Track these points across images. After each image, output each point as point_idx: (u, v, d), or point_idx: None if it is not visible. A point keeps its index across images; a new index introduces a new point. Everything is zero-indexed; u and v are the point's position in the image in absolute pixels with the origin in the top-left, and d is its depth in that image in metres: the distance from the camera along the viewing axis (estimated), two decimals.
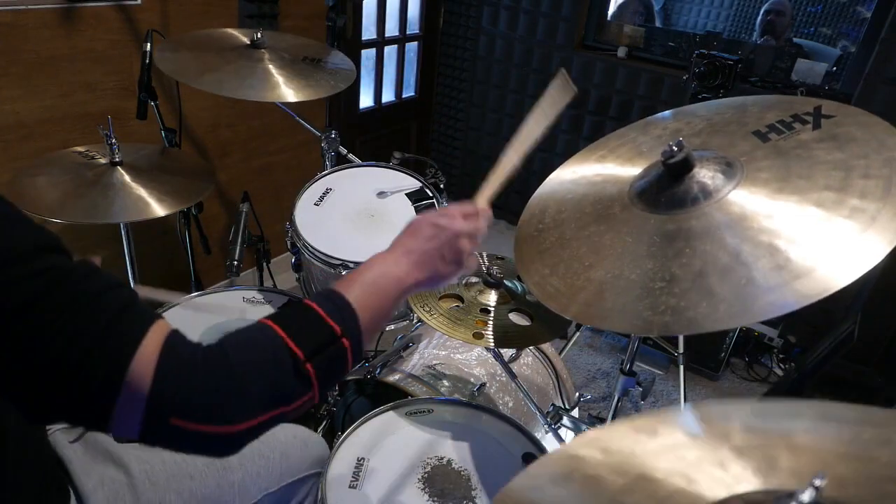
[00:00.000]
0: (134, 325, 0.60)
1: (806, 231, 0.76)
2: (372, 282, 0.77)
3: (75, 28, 1.87)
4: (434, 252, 0.83)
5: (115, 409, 0.58)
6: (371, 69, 3.16)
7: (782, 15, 2.91)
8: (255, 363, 0.64)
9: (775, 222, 0.79)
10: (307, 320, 0.70)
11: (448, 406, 1.31)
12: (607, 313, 0.83)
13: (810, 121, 0.91)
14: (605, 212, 0.98)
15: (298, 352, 0.66)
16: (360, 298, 0.74)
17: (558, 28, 3.06)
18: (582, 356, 2.62)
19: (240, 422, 0.63)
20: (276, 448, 1.11)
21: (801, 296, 0.70)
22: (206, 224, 2.18)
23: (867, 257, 0.70)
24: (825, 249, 0.73)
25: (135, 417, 0.59)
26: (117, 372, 0.58)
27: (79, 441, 1.00)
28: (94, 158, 1.58)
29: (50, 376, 0.57)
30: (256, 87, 1.59)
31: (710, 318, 0.73)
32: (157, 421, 0.59)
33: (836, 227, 0.74)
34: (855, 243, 0.72)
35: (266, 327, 0.68)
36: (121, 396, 0.58)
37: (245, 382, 0.63)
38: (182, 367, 0.61)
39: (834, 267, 0.71)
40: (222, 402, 0.62)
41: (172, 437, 0.62)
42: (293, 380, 0.66)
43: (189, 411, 0.60)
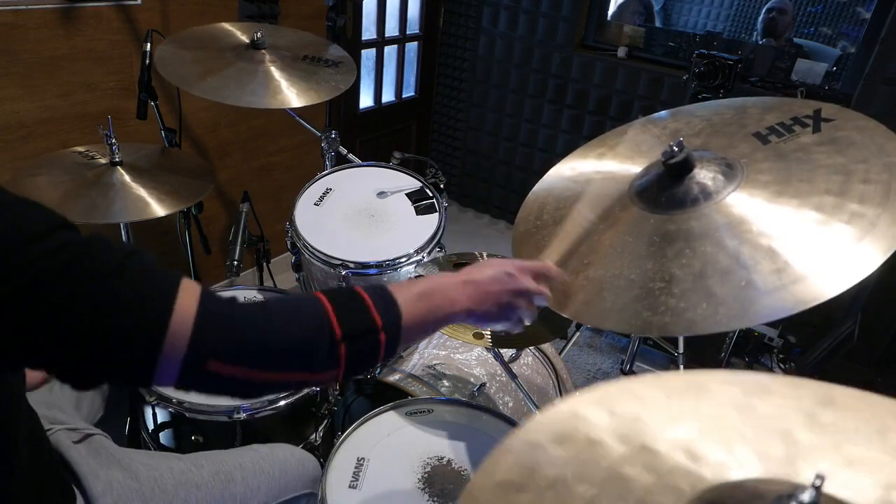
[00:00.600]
0: (164, 285, 0.63)
1: (806, 235, 0.76)
2: (426, 292, 0.79)
3: (75, 28, 1.87)
4: (493, 295, 0.83)
5: (158, 364, 0.61)
6: (371, 69, 3.16)
7: (784, 13, 2.91)
8: (294, 322, 0.68)
9: (775, 225, 0.79)
10: (355, 305, 0.73)
11: (448, 406, 1.31)
12: (606, 313, 0.83)
13: (810, 124, 0.91)
14: (604, 210, 0.98)
15: (337, 329, 0.69)
16: (408, 303, 0.76)
17: (558, 28, 3.06)
18: (582, 356, 2.62)
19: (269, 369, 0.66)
20: (275, 466, 1.15)
21: (799, 299, 0.70)
22: (206, 224, 2.18)
23: (866, 263, 0.70)
24: (825, 254, 0.73)
25: (174, 368, 0.62)
26: (158, 330, 0.60)
27: (83, 442, 1.00)
28: (94, 158, 1.58)
29: (92, 344, 0.59)
30: (258, 94, 1.59)
31: (709, 319, 0.73)
32: (195, 366, 0.62)
33: (836, 231, 0.75)
34: (854, 249, 0.72)
35: (316, 298, 0.71)
36: (163, 352, 0.61)
37: (281, 335, 0.66)
38: (219, 316, 0.64)
39: (833, 271, 0.71)
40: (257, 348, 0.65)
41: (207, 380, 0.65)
42: (324, 353, 0.68)
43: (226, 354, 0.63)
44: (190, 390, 0.66)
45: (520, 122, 3.35)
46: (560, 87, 3.15)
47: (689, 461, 0.49)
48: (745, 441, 0.50)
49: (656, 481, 0.47)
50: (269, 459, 1.14)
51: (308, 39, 1.85)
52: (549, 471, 0.49)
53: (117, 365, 0.61)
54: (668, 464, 0.49)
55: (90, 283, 0.59)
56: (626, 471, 0.49)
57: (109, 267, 0.60)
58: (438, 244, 1.63)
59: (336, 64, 1.76)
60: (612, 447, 0.51)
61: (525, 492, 0.48)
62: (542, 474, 0.49)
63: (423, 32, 3.40)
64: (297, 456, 1.19)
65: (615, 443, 0.51)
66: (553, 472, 0.49)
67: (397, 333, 0.74)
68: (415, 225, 1.63)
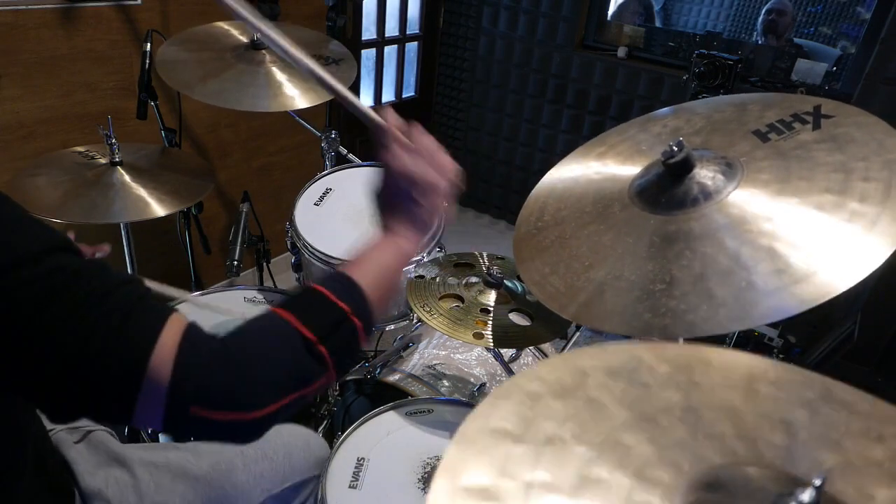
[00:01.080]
0: (150, 320, 0.60)
1: (806, 235, 0.76)
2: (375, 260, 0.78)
3: (75, 28, 1.87)
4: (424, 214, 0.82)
5: (137, 403, 0.59)
6: (371, 69, 3.16)
7: (784, 14, 2.91)
8: (269, 350, 0.66)
9: (775, 225, 0.79)
10: (315, 303, 0.71)
11: (448, 406, 1.31)
12: (607, 315, 0.82)
13: (810, 120, 0.90)
14: (605, 211, 0.97)
15: (310, 335, 0.67)
16: (366, 278, 0.74)
17: (558, 28, 3.06)
18: None
19: (260, 408, 0.63)
20: (279, 450, 1.11)
21: (800, 300, 0.69)
22: (206, 224, 2.18)
23: (867, 262, 0.70)
24: (825, 254, 0.73)
25: (156, 409, 0.59)
26: (138, 367, 0.58)
27: (83, 442, 1.00)
28: (94, 158, 1.58)
29: (69, 377, 0.57)
30: (259, 97, 1.59)
31: (710, 321, 0.73)
32: (178, 411, 0.60)
33: (837, 231, 0.74)
34: (855, 248, 0.72)
35: (275, 315, 0.69)
36: (142, 391, 0.58)
37: (262, 370, 0.64)
38: (201, 358, 0.61)
39: (833, 271, 0.71)
40: (241, 390, 0.62)
41: (194, 426, 0.63)
42: (308, 363, 0.67)
43: (208, 400, 0.61)
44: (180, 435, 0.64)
45: (520, 122, 3.35)
46: (560, 87, 3.15)
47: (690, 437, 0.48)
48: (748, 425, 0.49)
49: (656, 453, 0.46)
50: (272, 443, 1.11)
51: (308, 37, 1.85)
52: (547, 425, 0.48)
53: (95, 401, 0.59)
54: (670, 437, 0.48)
55: (71, 314, 0.57)
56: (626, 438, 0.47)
57: (98, 295, 0.58)
58: (438, 244, 1.63)
59: (336, 61, 1.76)
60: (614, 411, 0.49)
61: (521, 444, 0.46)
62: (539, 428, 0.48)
63: (423, 32, 3.40)
64: (302, 437, 1.16)
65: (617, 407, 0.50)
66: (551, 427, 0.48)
67: (367, 311, 0.73)
68: None
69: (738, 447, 0.48)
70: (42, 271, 0.56)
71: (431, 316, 1.25)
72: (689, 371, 0.54)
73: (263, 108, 1.60)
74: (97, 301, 0.58)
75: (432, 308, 1.28)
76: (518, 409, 0.49)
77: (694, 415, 0.50)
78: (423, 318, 1.25)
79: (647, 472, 0.45)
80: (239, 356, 0.64)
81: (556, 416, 0.49)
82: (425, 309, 1.27)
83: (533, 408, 0.49)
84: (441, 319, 1.24)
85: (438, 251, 1.64)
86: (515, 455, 0.46)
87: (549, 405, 0.49)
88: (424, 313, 1.26)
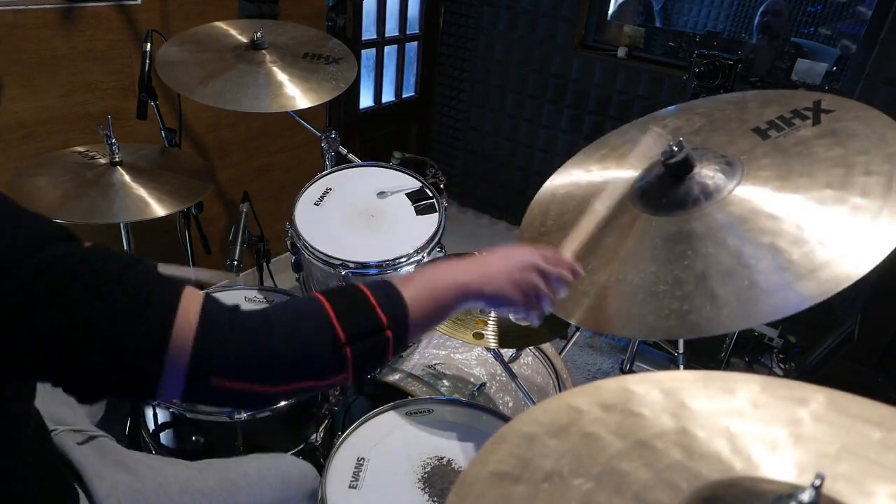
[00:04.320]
0: (165, 295, 0.62)
1: (807, 231, 0.76)
2: (431, 281, 0.77)
3: (75, 28, 1.87)
4: (505, 271, 0.81)
5: (163, 376, 0.60)
6: (371, 69, 3.16)
7: (779, 16, 2.91)
8: (296, 333, 0.66)
9: (777, 222, 0.79)
10: (357, 305, 0.70)
11: (448, 406, 1.31)
12: (612, 318, 0.82)
13: (810, 116, 0.90)
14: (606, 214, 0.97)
15: (341, 333, 0.67)
16: (415, 295, 0.73)
17: (558, 28, 3.06)
18: (582, 356, 2.62)
19: (277, 383, 0.65)
20: (279, 477, 1.14)
21: (803, 297, 0.69)
22: (206, 224, 2.17)
23: (869, 257, 0.69)
24: (827, 250, 0.73)
25: (178, 381, 0.61)
26: (160, 342, 0.59)
27: (86, 444, 1.00)
28: (94, 158, 1.58)
29: (94, 359, 0.59)
30: (259, 97, 1.60)
31: (713, 321, 0.73)
32: (198, 381, 0.61)
33: (838, 226, 0.74)
34: (857, 243, 0.71)
35: (317, 301, 0.69)
36: (166, 364, 0.60)
37: (282, 348, 0.65)
38: (221, 329, 0.63)
39: (836, 267, 0.70)
40: (259, 362, 0.64)
41: (213, 395, 0.64)
42: (329, 359, 0.67)
43: (228, 370, 0.62)
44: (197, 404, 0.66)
45: (520, 122, 3.34)
46: (560, 87, 3.15)
47: (685, 458, 0.49)
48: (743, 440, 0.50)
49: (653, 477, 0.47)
50: (272, 471, 1.14)
51: (308, 35, 1.85)
52: (544, 463, 0.49)
53: (121, 378, 0.61)
54: (665, 460, 0.49)
55: (89, 297, 0.58)
56: (622, 466, 0.48)
57: (108, 278, 0.59)
58: (438, 244, 1.62)
59: (337, 60, 1.76)
60: (609, 442, 0.51)
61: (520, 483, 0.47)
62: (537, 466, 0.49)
63: (423, 32, 3.40)
64: (299, 469, 1.18)
65: (612, 438, 0.51)
66: (549, 464, 0.49)
67: (404, 328, 0.72)
68: (415, 225, 1.63)
69: (734, 462, 0.48)
70: (50, 259, 0.57)
71: None
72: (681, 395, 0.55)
73: (264, 109, 1.60)
74: (113, 282, 0.59)
75: None
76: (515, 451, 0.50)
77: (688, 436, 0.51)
78: None
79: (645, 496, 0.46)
80: (264, 329, 0.65)
81: (553, 454, 0.50)
82: None
83: (530, 448, 0.51)
84: None
85: (438, 251, 1.64)
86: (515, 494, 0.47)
87: (545, 444, 0.51)
88: None
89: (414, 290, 0.74)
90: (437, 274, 0.78)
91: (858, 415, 0.51)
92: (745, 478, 0.47)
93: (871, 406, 0.52)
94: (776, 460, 0.49)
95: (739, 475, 0.48)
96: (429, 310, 0.75)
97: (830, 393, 0.53)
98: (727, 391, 0.55)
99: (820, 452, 0.49)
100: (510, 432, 0.52)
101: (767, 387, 0.55)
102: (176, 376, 0.60)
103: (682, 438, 0.51)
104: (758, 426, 0.51)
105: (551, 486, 0.47)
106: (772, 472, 0.48)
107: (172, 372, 0.60)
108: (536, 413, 0.54)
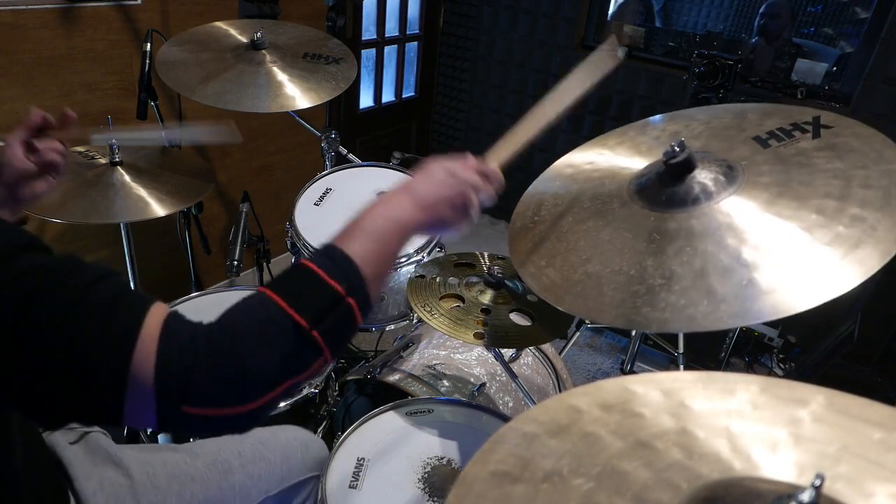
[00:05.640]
0: (129, 315, 0.57)
1: (807, 236, 0.76)
2: (373, 229, 0.73)
3: (75, 28, 1.87)
4: (444, 198, 0.79)
5: (126, 403, 0.56)
6: (371, 69, 3.16)
7: (777, 17, 2.90)
8: (258, 340, 0.61)
9: (776, 227, 0.79)
10: (307, 284, 0.65)
11: (448, 406, 1.31)
12: (605, 307, 0.82)
13: (810, 129, 0.91)
14: (603, 207, 0.98)
15: (302, 321, 0.62)
16: (361, 250, 0.69)
17: (558, 28, 3.06)
18: (582, 356, 2.61)
19: (252, 400, 0.60)
20: (277, 451, 1.11)
21: (801, 300, 0.70)
22: (206, 224, 2.18)
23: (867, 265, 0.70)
24: (827, 255, 0.73)
25: (147, 409, 0.57)
26: (121, 367, 0.56)
27: (79, 443, 0.99)
28: (94, 158, 1.58)
29: (57, 380, 0.55)
30: (259, 97, 1.60)
31: (710, 316, 0.73)
32: (170, 409, 0.57)
33: (838, 233, 0.75)
34: (856, 250, 0.72)
35: (264, 297, 0.63)
36: (128, 391, 0.56)
37: (251, 361, 0.60)
38: (183, 354, 0.58)
39: (835, 272, 0.71)
40: (230, 385, 0.59)
41: (189, 424, 0.60)
42: (302, 350, 0.63)
43: (198, 398, 0.58)
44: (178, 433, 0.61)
45: None
46: None
47: (685, 458, 0.49)
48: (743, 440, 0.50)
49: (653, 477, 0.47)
50: (269, 445, 1.10)
51: (308, 35, 1.85)
52: (544, 463, 0.49)
53: (84, 404, 0.57)
54: (666, 460, 0.49)
55: (53, 312, 0.54)
56: (622, 466, 0.48)
57: (77, 292, 0.56)
58: (438, 244, 1.62)
59: (337, 60, 1.76)
60: (609, 442, 0.51)
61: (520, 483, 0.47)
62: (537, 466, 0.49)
63: (423, 32, 3.40)
64: (300, 438, 1.15)
65: (612, 438, 0.51)
66: (549, 464, 0.49)
67: (364, 289, 0.67)
68: None
69: (734, 462, 0.48)
70: (17, 271, 0.54)
71: (432, 316, 1.25)
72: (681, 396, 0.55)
73: (263, 109, 1.60)
74: (77, 299, 0.56)
75: (433, 308, 1.28)
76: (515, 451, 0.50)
77: (688, 437, 0.51)
78: (423, 318, 1.25)
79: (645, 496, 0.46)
80: (227, 348, 0.60)
81: (553, 454, 0.50)
82: (426, 309, 1.27)
83: (530, 448, 0.50)
84: (442, 319, 1.24)
85: (439, 251, 1.64)
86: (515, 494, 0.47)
87: (545, 444, 0.51)
88: (425, 313, 1.26)
89: (359, 245, 0.69)
90: (375, 219, 0.74)
91: (858, 415, 0.52)
92: (745, 478, 0.47)
93: (871, 406, 0.52)
94: (776, 460, 0.49)
95: (739, 475, 0.48)
96: (379, 260, 0.71)
97: (830, 393, 0.54)
98: (727, 391, 0.55)
99: (820, 452, 0.49)
100: (510, 432, 0.52)
101: (767, 387, 0.55)
102: (143, 403, 0.57)
103: (682, 438, 0.51)
104: (758, 426, 0.51)
105: (551, 486, 0.47)
106: (772, 472, 0.48)
107: (137, 398, 0.56)
108: (536, 413, 0.54)
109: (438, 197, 0.79)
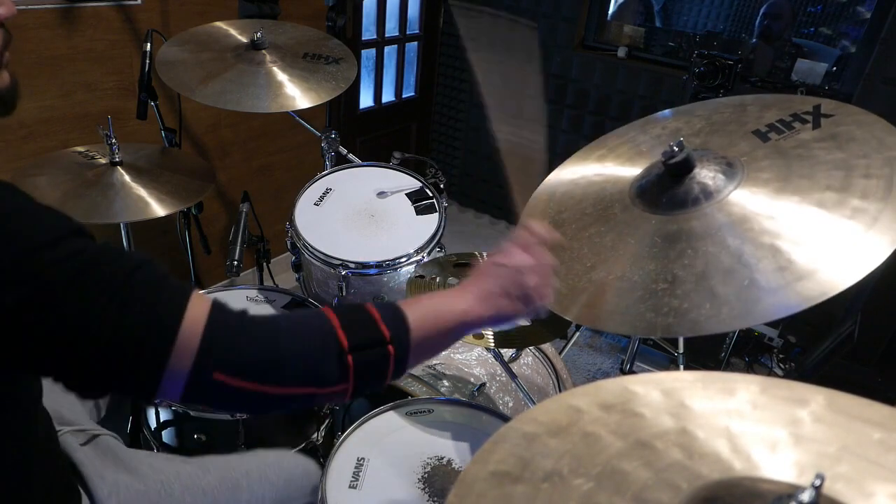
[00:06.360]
0: (175, 296, 0.63)
1: (808, 232, 0.76)
2: (433, 307, 0.79)
3: (75, 28, 1.87)
4: (497, 289, 0.82)
5: (163, 377, 0.61)
6: (371, 69, 3.16)
7: (778, 18, 2.90)
8: (302, 337, 0.69)
9: (777, 223, 0.79)
10: (361, 319, 0.73)
11: (448, 406, 1.31)
12: (609, 315, 0.82)
13: (810, 120, 0.90)
14: (605, 212, 0.98)
15: (344, 340, 0.69)
16: (417, 317, 0.76)
17: (558, 28, 3.06)
18: (582, 356, 2.62)
19: (278, 384, 0.66)
20: (281, 475, 1.14)
21: (803, 298, 0.69)
22: (206, 224, 2.18)
23: (869, 259, 0.70)
24: (827, 251, 0.73)
25: (180, 380, 0.62)
26: (166, 342, 0.61)
27: (89, 444, 1.00)
28: (94, 158, 1.58)
29: (98, 357, 0.59)
30: (259, 97, 1.60)
31: (712, 319, 0.73)
32: (201, 376, 0.62)
33: (839, 227, 0.74)
34: (857, 244, 0.71)
35: (321, 313, 0.72)
36: (168, 366, 0.61)
37: (288, 350, 0.67)
38: (228, 330, 0.65)
39: (836, 269, 0.71)
40: (264, 361, 0.65)
41: (214, 392, 0.65)
42: (332, 364, 0.68)
43: (232, 365, 0.63)
44: (196, 403, 0.66)
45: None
46: (560, 87, 3.15)
47: (685, 458, 0.49)
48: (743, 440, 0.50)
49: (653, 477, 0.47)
50: (274, 468, 1.14)
51: (308, 35, 1.85)
52: (544, 463, 0.49)
53: (122, 376, 0.61)
54: (665, 460, 0.49)
55: (99, 294, 0.59)
56: (622, 466, 0.48)
57: (120, 277, 0.60)
58: (438, 244, 1.63)
59: (337, 60, 1.76)
60: (609, 442, 0.51)
61: (520, 483, 0.48)
62: (537, 466, 0.49)
63: (423, 32, 3.40)
64: (301, 466, 1.19)
65: (612, 438, 0.51)
66: (549, 464, 0.49)
67: (406, 346, 0.74)
68: (415, 225, 1.63)
69: (734, 462, 0.48)
70: (62, 255, 0.58)
71: None
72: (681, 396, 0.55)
73: (264, 109, 1.60)
74: (122, 281, 0.60)
75: None
76: (515, 451, 0.51)
77: (688, 437, 0.51)
78: None
79: (645, 495, 0.46)
80: (271, 331, 0.67)
81: (553, 453, 0.50)
82: None
83: (529, 448, 0.51)
84: None
85: (438, 251, 1.64)
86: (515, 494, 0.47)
87: (545, 444, 0.51)
88: None
89: (417, 313, 0.76)
90: (438, 301, 0.81)
91: (858, 415, 0.52)
92: (745, 478, 0.47)
93: (871, 406, 0.52)
94: (776, 460, 0.49)
95: (739, 475, 0.48)
96: (431, 334, 0.77)
97: (830, 393, 0.54)
98: (727, 391, 0.55)
99: (820, 452, 0.49)
100: (510, 432, 0.52)
101: (767, 387, 0.55)
102: (177, 378, 0.61)
103: (682, 438, 0.51)
104: (758, 426, 0.51)
105: (551, 486, 0.47)
106: (772, 472, 0.48)
107: (174, 373, 0.61)
108: (536, 413, 0.54)
109: (491, 290, 0.83)
